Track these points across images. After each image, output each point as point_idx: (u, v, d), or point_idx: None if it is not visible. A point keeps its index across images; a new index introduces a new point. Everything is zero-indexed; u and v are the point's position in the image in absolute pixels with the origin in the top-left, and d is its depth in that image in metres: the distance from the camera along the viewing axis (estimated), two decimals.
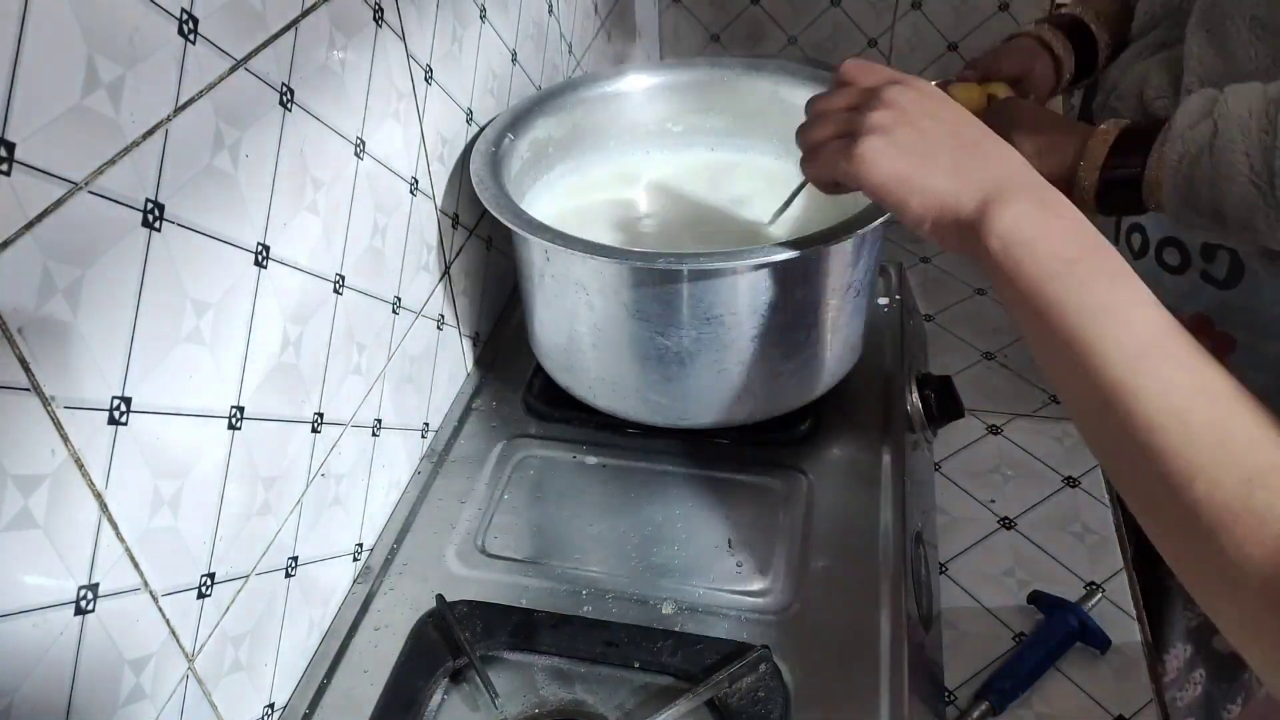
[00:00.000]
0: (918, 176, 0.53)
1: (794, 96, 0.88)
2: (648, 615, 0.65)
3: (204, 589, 0.52)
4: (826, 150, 0.57)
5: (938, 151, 0.54)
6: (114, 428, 0.44)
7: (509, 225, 0.69)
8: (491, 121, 0.82)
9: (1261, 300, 0.84)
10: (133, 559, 0.46)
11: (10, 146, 0.37)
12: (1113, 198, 0.76)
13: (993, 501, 0.88)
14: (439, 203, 0.78)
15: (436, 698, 0.61)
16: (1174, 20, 0.87)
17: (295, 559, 0.62)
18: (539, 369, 0.82)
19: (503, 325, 0.93)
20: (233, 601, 0.55)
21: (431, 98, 0.75)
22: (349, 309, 0.65)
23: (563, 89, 0.87)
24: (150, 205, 0.45)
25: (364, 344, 0.68)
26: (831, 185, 0.60)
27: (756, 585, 0.67)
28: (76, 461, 0.42)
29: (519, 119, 0.83)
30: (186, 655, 0.51)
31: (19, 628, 0.40)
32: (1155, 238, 0.90)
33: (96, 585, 0.44)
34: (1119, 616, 0.77)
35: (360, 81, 0.64)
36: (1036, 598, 0.77)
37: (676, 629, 0.64)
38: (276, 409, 0.58)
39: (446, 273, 0.81)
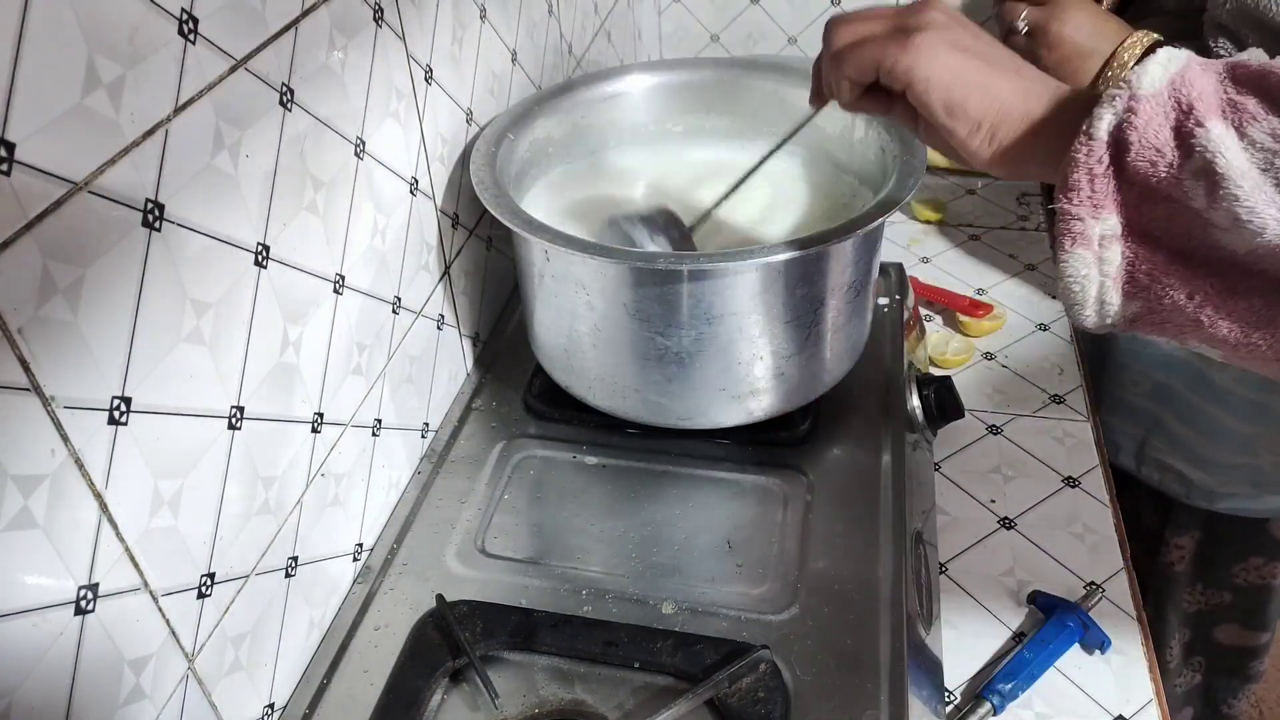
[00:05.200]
0: (977, 74, 0.48)
1: (794, 97, 0.88)
2: (648, 615, 0.65)
3: (204, 589, 0.52)
4: (871, 42, 0.51)
5: (997, 55, 0.49)
6: (114, 428, 0.44)
7: (509, 225, 0.69)
8: (491, 121, 0.82)
9: None
10: (133, 559, 0.46)
11: (10, 146, 0.37)
12: None
13: (993, 501, 0.88)
14: (439, 203, 0.78)
15: (436, 698, 0.61)
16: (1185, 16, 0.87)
17: (295, 559, 0.62)
18: (539, 369, 0.82)
19: (503, 325, 0.93)
20: (233, 601, 0.55)
21: (431, 98, 0.75)
22: (349, 309, 0.65)
23: (563, 89, 0.88)
24: (150, 205, 0.45)
25: (364, 344, 0.68)
26: (859, 92, 0.54)
27: (756, 585, 0.67)
28: (76, 461, 0.42)
29: (519, 119, 0.83)
30: (186, 655, 0.52)
31: (19, 628, 0.40)
32: None
33: (96, 585, 0.44)
34: (1119, 616, 0.77)
35: (360, 81, 0.64)
36: (1036, 598, 0.77)
37: (676, 629, 0.64)
38: (276, 409, 0.58)
39: (446, 273, 0.81)
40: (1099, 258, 0.43)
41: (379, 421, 0.71)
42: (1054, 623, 0.74)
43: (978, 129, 0.48)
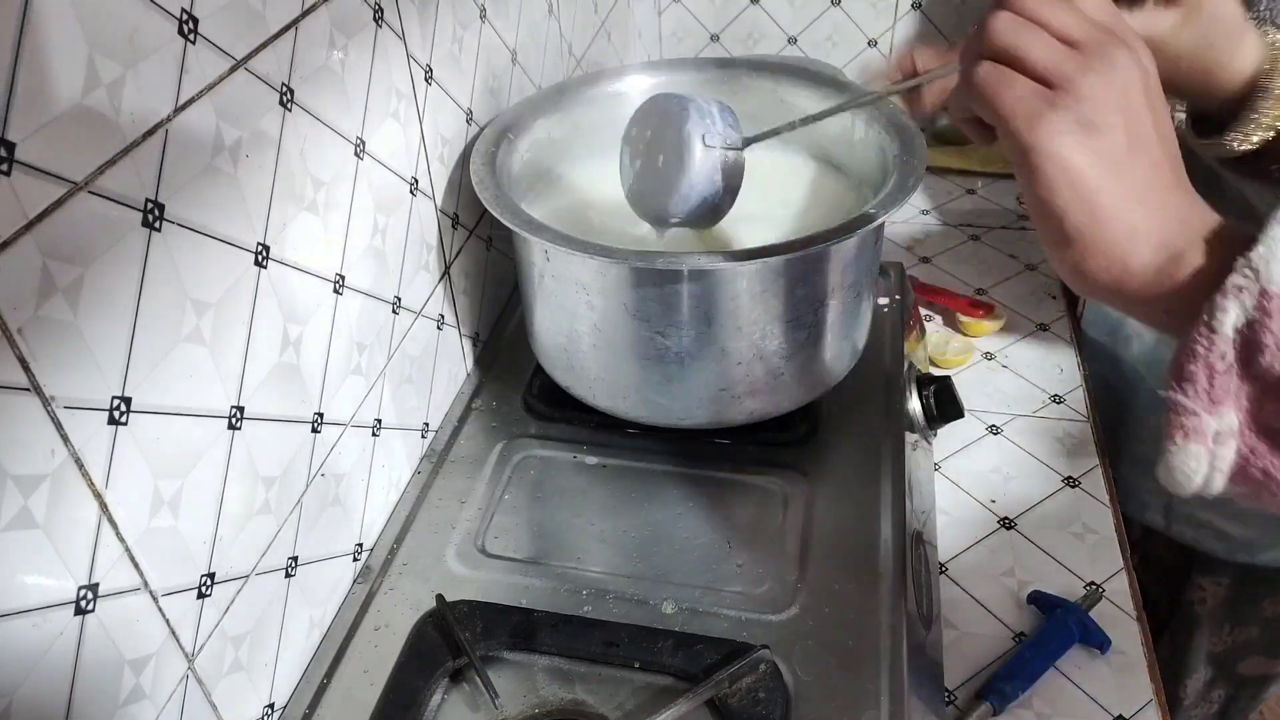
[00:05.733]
0: (1092, 191, 0.41)
1: (794, 97, 0.88)
2: (648, 615, 0.65)
3: (204, 589, 0.52)
4: (1012, 86, 0.42)
5: (1135, 166, 0.41)
6: (114, 428, 0.44)
7: (509, 225, 0.69)
8: (491, 121, 0.82)
9: None
10: (133, 559, 0.46)
11: (10, 146, 0.37)
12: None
13: (993, 501, 0.88)
14: (439, 203, 0.78)
15: (436, 698, 0.61)
16: None
17: (295, 559, 0.62)
18: (539, 369, 0.82)
19: (503, 325, 0.93)
20: (233, 601, 0.55)
21: (431, 98, 0.75)
22: (349, 309, 0.65)
23: (563, 89, 0.88)
24: (150, 205, 0.45)
25: (364, 344, 0.68)
26: (970, 117, 0.46)
27: (756, 585, 0.67)
28: (76, 461, 0.42)
29: (519, 119, 0.83)
30: (186, 655, 0.52)
31: (19, 628, 0.40)
32: None
33: (96, 585, 0.44)
34: (1119, 616, 0.77)
35: (360, 81, 0.64)
36: (1036, 598, 0.77)
37: (676, 629, 0.64)
38: (276, 409, 0.58)
39: (446, 273, 0.81)
40: (1211, 453, 0.40)
41: (379, 421, 0.71)
42: (1054, 623, 0.74)
43: (1063, 243, 0.43)
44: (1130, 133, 0.42)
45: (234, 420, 0.53)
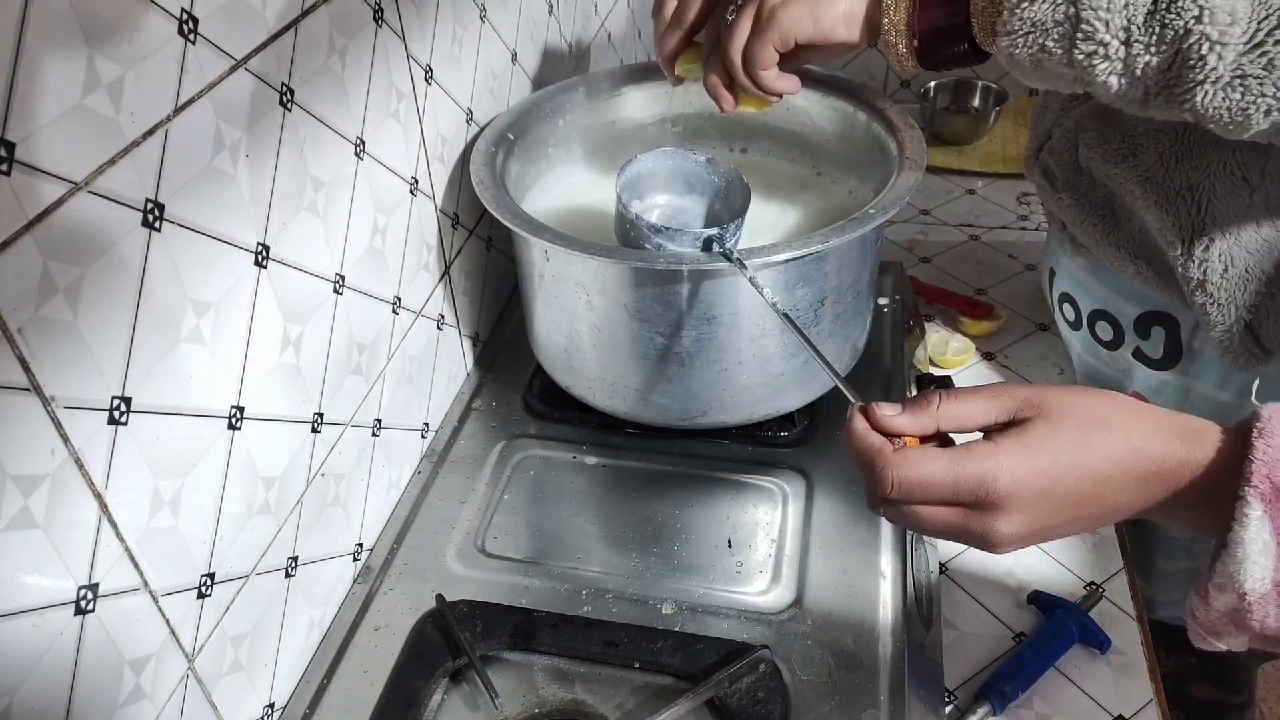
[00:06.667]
0: (1058, 534, 0.50)
1: (793, 96, 0.87)
2: (648, 615, 0.65)
3: (204, 589, 0.52)
4: (942, 529, 0.50)
5: (1077, 510, 0.48)
6: (114, 428, 0.44)
7: (509, 225, 0.69)
8: (491, 121, 0.82)
9: (1200, 385, 0.80)
10: (133, 559, 0.46)
11: (10, 146, 0.37)
12: (936, 51, 0.62)
13: None
14: (439, 203, 0.78)
15: (436, 698, 0.61)
16: None
17: (295, 559, 0.62)
18: (539, 369, 0.82)
19: (503, 325, 0.93)
20: (233, 601, 0.55)
21: (431, 98, 0.75)
22: (349, 309, 0.65)
23: (563, 89, 0.87)
24: (150, 205, 0.45)
25: (364, 344, 0.68)
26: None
27: (756, 585, 0.67)
28: (76, 461, 0.42)
29: (519, 119, 0.83)
30: (186, 655, 0.52)
31: (19, 628, 0.40)
32: (1086, 310, 0.85)
33: (96, 585, 0.44)
34: (1119, 616, 0.77)
35: (360, 81, 0.64)
36: (1036, 598, 0.77)
37: (676, 629, 0.64)
38: (276, 409, 0.58)
39: (446, 273, 0.81)
40: (1228, 644, 0.47)
41: (379, 421, 0.71)
42: (1054, 623, 0.74)
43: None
44: (1046, 505, 0.48)
45: (234, 420, 0.53)
